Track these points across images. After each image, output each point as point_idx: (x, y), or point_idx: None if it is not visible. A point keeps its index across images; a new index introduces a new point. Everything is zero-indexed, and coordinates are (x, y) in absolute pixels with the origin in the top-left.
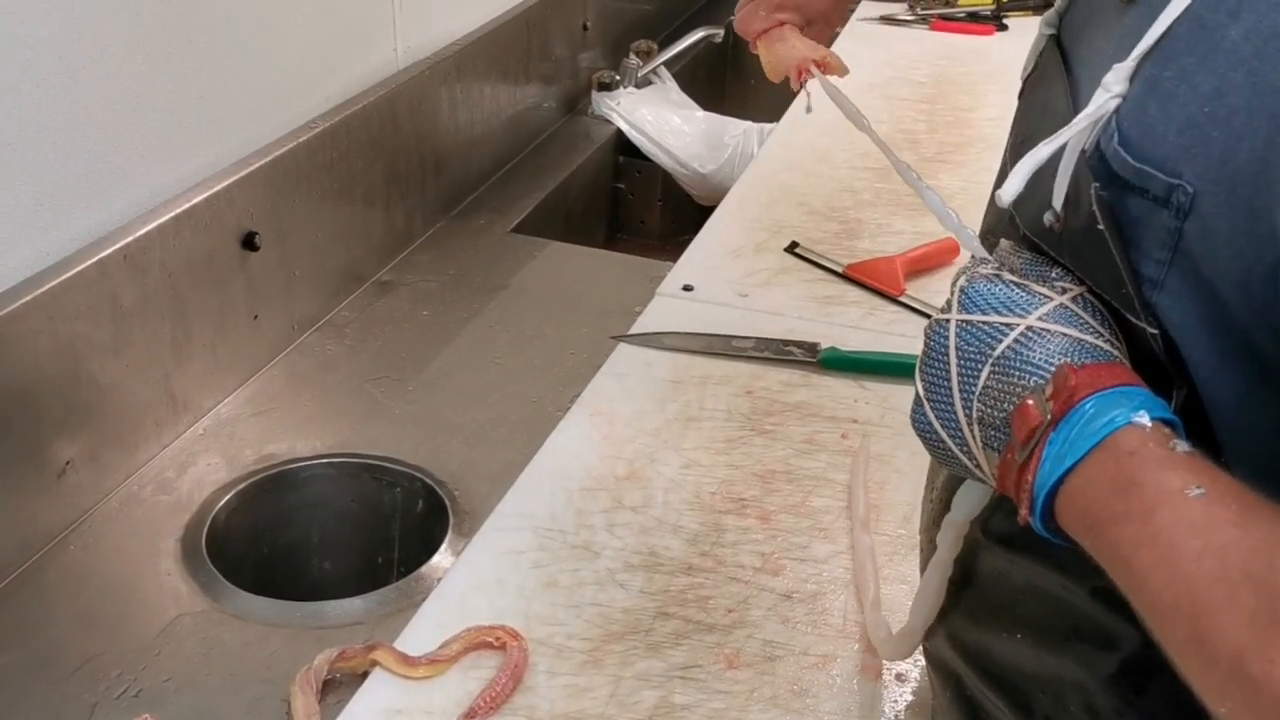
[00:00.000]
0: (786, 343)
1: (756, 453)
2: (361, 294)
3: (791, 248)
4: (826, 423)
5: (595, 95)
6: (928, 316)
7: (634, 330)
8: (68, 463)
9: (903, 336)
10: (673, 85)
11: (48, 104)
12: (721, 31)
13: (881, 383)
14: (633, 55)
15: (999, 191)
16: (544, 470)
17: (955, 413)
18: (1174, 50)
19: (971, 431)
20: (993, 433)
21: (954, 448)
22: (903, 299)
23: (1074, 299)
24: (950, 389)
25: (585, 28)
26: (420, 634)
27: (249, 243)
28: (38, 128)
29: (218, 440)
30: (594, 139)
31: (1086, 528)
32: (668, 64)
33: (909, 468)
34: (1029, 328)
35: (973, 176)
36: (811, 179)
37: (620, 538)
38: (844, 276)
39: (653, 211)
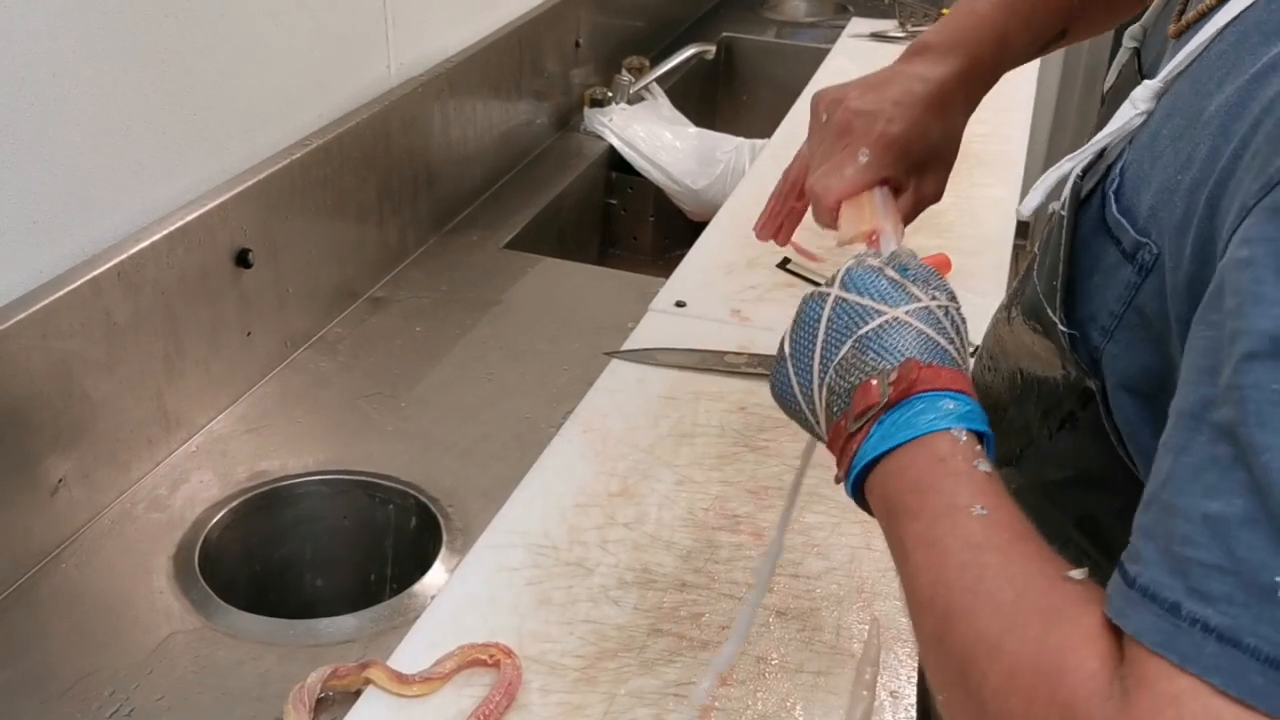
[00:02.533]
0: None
1: (749, 469)
2: (354, 310)
3: (784, 264)
4: None
5: (587, 111)
6: None
7: (626, 346)
8: (60, 480)
9: None
10: (665, 101)
11: (41, 121)
12: (713, 48)
13: None
14: (625, 72)
15: (1019, 206)
16: (537, 487)
17: (812, 375)
18: (1176, 107)
19: (821, 394)
20: (836, 399)
21: (803, 405)
22: None
23: (941, 307)
24: (813, 354)
25: (577, 44)
26: (413, 652)
27: (242, 260)
28: (31, 145)
29: (210, 457)
30: (586, 155)
31: (884, 512)
32: (660, 80)
33: None
34: (894, 318)
35: (963, 191)
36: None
37: (613, 554)
38: None
39: (645, 227)
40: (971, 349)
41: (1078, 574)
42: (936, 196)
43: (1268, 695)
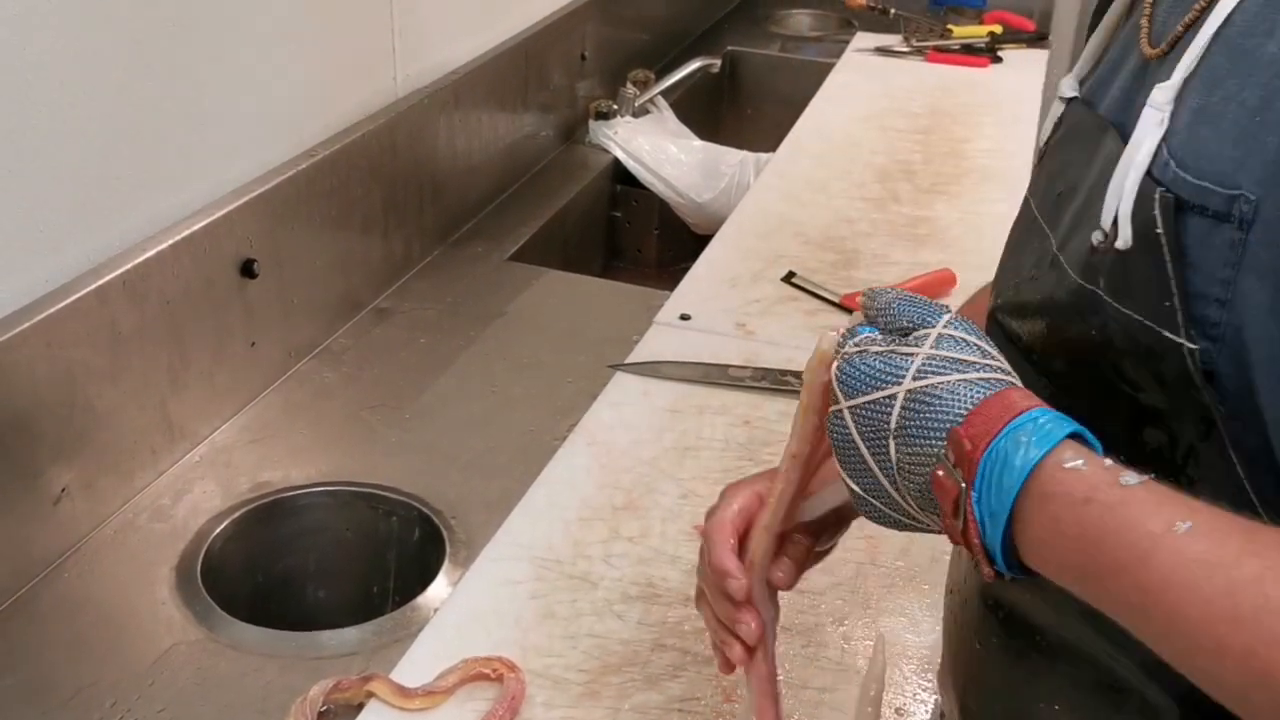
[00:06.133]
0: (784, 372)
1: None
2: (358, 321)
3: (788, 277)
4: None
5: (592, 124)
6: None
7: (631, 359)
8: (64, 489)
9: None
10: (669, 115)
11: (48, 130)
12: (718, 62)
13: None
14: (630, 85)
15: (1118, 244)
16: (541, 500)
17: (887, 492)
18: (1217, 77)
19: (908, 503)
20: (925, 501)
21: (905, 520)
22: None
23: (941, 337)
24: (874, 474)
25: (583, 57)
26: (416, 665)
27: (247, 270)
28: (38, 154)
29: (214, 468)
30: (591, 168)
31: (1078, 579)
32: (665, 93)
33: None
34: (908, 393)
35: (969, 207)
36: (808, 209)
37: (617, 568)
38: (841, 306)
39: (649, 240)
40: None
41: None
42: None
43: None
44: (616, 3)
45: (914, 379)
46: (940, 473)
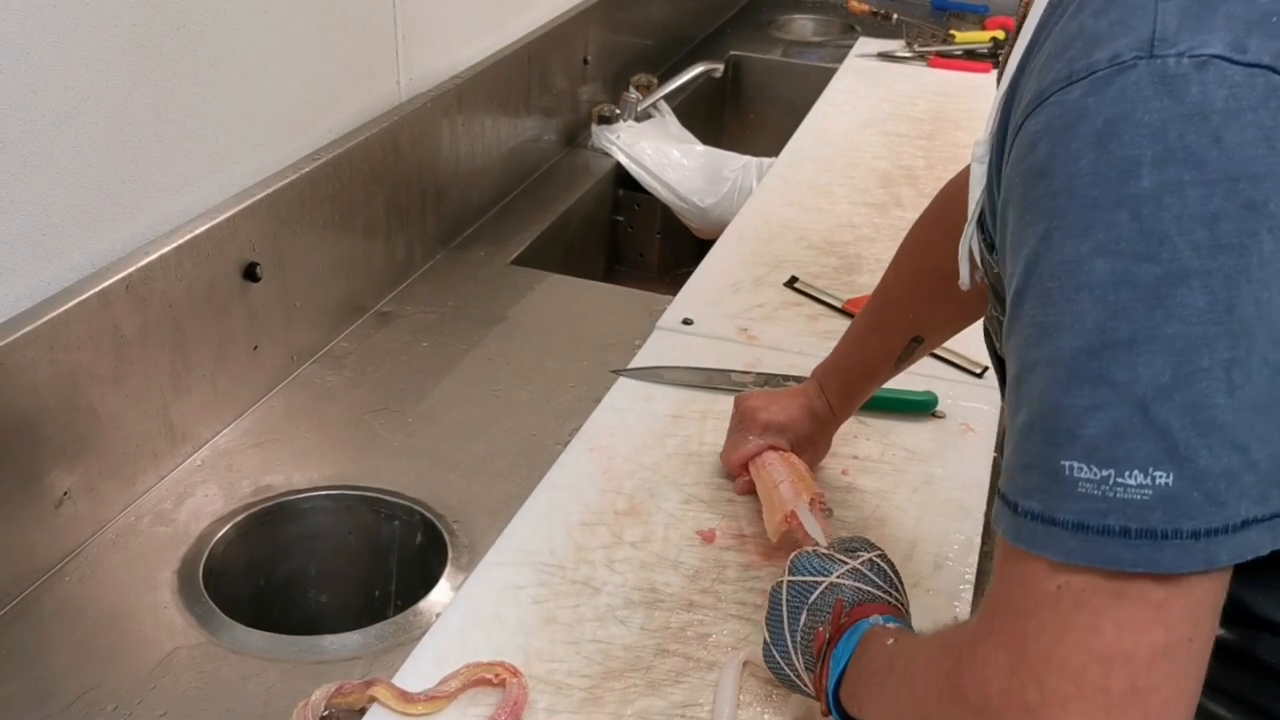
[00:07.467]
0: (786, 378)
1: None
2: (361, 325)
3: (791, 282)
4: (828, 459)
5: (595, 128)
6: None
7: (633, 364)
8: (65, 493)
9: (903, 373)
10: (672, 119)
11: (52, 134)
12: (721, 66)
13: (882, 418)
14: (633, 89)
15: (960, 282)
16: (543, 504)
17: (788, 647)
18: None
19: (798, 658)
20: (809, 660)
21: (791, 675)
22: None
23: (864, 563)
24: (783, 631)
25: (586, 61)
26: (419, 670)
27: (250, 273)
28: (42, 157)
29: (215, 471)
30: (594, 172)
31: (851, 696)
32: (667, 98)
33: (909, 504)
34: (831, 583)
35: None
36: (811, 214)
37: (620, 573)
38: (844, 311)
39: (652, 245)
40: (980, 369)
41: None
42: (814, 462)
43: (1083, 553)
44: (619, 7)
45: (837, 578)
46: (821, 629)
